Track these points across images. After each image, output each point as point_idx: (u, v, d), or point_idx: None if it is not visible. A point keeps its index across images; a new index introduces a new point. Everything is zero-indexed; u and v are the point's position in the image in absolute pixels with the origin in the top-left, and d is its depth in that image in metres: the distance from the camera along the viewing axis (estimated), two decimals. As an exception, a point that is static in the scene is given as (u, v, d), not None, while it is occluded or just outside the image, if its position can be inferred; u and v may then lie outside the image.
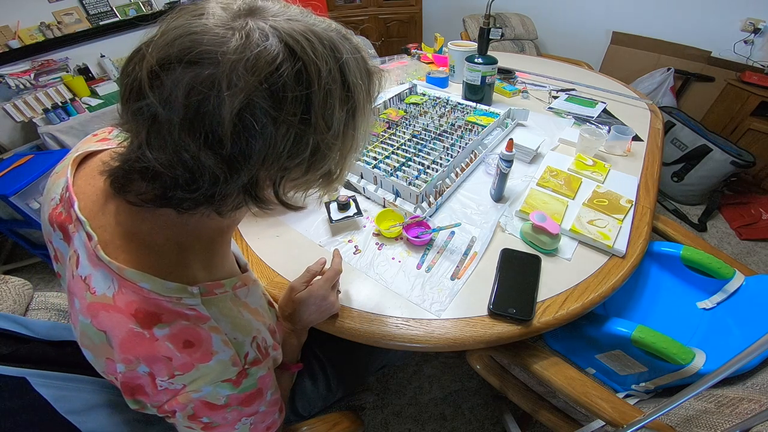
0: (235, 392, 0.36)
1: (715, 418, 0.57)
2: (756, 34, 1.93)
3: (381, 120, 1.14)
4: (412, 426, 1.19)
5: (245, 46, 0.26)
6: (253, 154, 0.28)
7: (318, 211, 0.87)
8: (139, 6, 2.23)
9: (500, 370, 0.84)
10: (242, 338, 0.35)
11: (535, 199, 0.84)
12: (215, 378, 0.34)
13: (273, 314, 0.48)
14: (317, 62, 0.28)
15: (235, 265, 0.44)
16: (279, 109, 0.27)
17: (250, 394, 0.37)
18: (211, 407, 0.36)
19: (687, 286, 0.88)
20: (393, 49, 3.01)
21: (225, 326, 0.34)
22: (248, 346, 0.36)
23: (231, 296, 0.37)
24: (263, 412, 0.42)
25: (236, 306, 0.37)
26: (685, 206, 2.00)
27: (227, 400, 0.36)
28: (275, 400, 0.44)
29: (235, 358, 0.34)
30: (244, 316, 0.37)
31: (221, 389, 0.35)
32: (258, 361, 0.36)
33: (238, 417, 0.39)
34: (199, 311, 0.33)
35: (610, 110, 1.27)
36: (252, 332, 0.37)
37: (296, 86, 0.27)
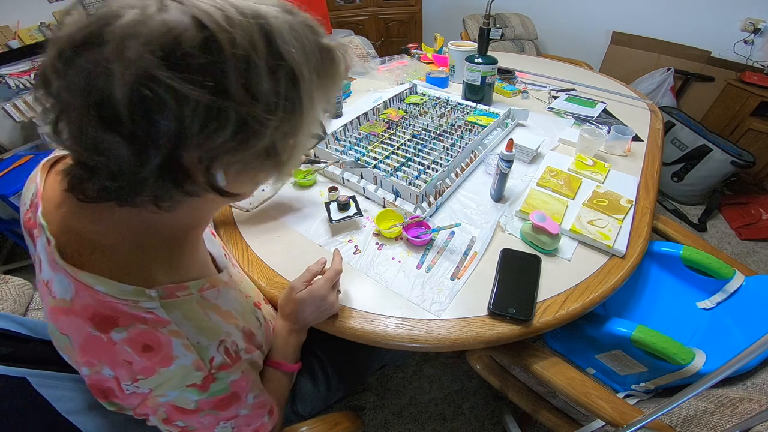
0: (204, 397, 0.35)
1: (715, 418, 0.57)
2: (756, 34, 1.93)
3: (381, 120, 1.14)
4: (412, 426, 1.19)
5: (139, 20, 0.25)
6: (160, 132, 0.26)
7: (318, 211, 0.87)
8: (139, 6, 2.23)
9: (500, 370, 0.84)
10: (207, 342, 0.34)
11: (535, 199, 0.84)
12: (179, 383, 0.33)
13: (254, 316, 0.46)
14: (230, 30, 0.26)
15: (208, 267, 0.43)
16: (182, 81, 0.25)
17: (222, 399, 0.37)
18: (183, 411, 0.35)
19: (687, 286, 0.88)
20: (393, 49, 3.01)
21: (187, 330, 0.34)
22: (214, 351, 0.35)
23: (197, 298, 0.36)
24: (246, 415, 0.41)
25: (203, 308, 0.36)
26: (685, 206, 2.00)
27: (197, 405, 0.35)
28: (261, 403, 0.43)
29: (199, 362, 0.34)
30: (212, 319, 0.36)
31: (188, 394, 0.34)
32: (226, 365, 0.36)
33: (215, 421, 0.38)
34: (158, 315, 0.33)
35: (610, 110, 1.27)
36: (219, 336, 0.36)
37: (202, 55, 0.25)
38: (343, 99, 1.33)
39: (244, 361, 0.38)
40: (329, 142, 1.03)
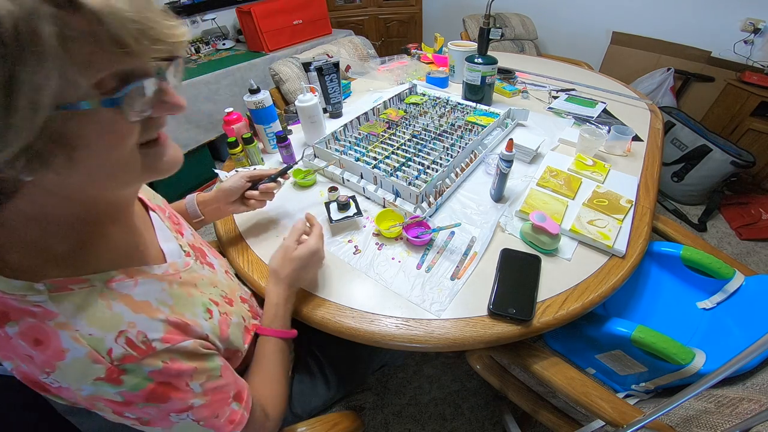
0: (124, 390, 0.35)
1: (715, 418, 0.57)
2: (756, 34, 1.93)
3: (381, 120, 1.14)
4: (412, 426, 1.19)
5: None
6: None
7: (318, 211, 0.87)
8: (139, 6, 2.23)
9: (500, 370, 0.84)
10: (100, 334, 0.34)
11: (535, 199, 0.84)
12: (82, 376, 0.34)
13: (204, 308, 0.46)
14: None
15: (127, 259, 0.42)
16: None
17: (150, 391, 0.37)
18: (118, 404, 0.36)
19: (687, 286, 0.88)
20: (393, 49, 3.02)
21: (78, 322, 0.34)
22: (111, 342, 0.34)
23: (100, 289, 0.36)
24: (203, 406, 0.41)
25: (107, 299, 0.36)
26: (685, 206, 2.00)
27: (124, 398, 0.36)
28: (216, 390, 0.43)
29: (94, 354, 0.33)
30: (114, 310, 0.36)
31: (104, 388, 0.34)
32: (131, 357, 0.35)
33: (162, 414, 0.39)
34: (46, 308, 0.33)
35: (610, 110, 1.27)
36: (118, 327, 0.35)
37: None
38: (343, 99, 1.33)
39: (163, 351, 0.38)
40: (329, 142, 1.03)
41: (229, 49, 2.48)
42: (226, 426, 0.44)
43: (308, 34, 2.48)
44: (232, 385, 0.47)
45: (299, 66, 1.61)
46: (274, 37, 2.31)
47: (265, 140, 1.09)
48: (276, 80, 1.60)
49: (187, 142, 2.07)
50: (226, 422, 0.44)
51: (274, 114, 1.06)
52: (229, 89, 2.16)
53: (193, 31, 2.51)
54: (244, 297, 0.61)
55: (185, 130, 2.04)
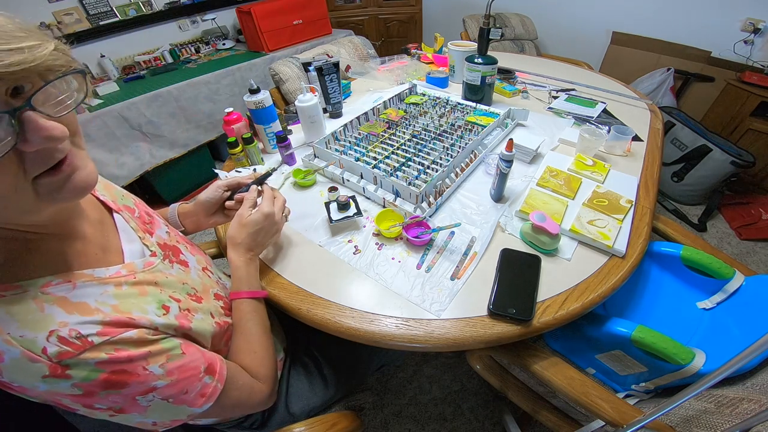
0: (79, 381, 0.36)
1: (715, 418, 0.57)
2: (756, 34, 1.93)
3: (381, 120, 1.14)
4: (412, 426, 1.19)
5: None
6: None
7: (318, 211, 0.87)
8: (139, 6, 2.23)
9: (500, 370, 0.84)
10: (32, 335, 0.35)
11: (535, 199, 0.84)
12: (29, 375, 0.34)
13: (158, 304, 0.47)
14: None
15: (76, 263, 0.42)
16: None
17: (105, 380, 0.37)
18: (80, 397, 0.37)
19: (687, 286, 0.88)
20: (393, 49, 3.02)
21: (8, 326, 0.34)
22: (43, 341, 0.35)
23: (33, 294, 0.37)
24: (167, 385, 0.42)
25: (39, 303, 0.37)
26: (685, 206, 2.00)
27: (82, 390, 0.36)
28: (181, 368, 0.44)
29: (28, 354, 0.34)
30: (45, 312, 0.37)
31: (56, 384, 0.35)
32: (67, 353, 0.35)
33: (128, 399, 0.39)
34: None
35: (610, 110, 1.27)
36: (49, 327, 0.36)
37: None
38: (343, 99, 1.33)
39: (102, 344, 0.38)
40: (329, 142, 1.03)
41: (229, 49, 2.48)
42: (197, 399, 0.45)
43: (308, 34, 2.48)
44: (199, 359, 0.47)
45: (299, 66, 1.61)
46: (274, 37, 2.31)
47: (265, 140, 1.09)
48: (276, 80, 1.60)
49: (187, 142, 2.07)
50: (197, 396, 0.45)
51: (274, 114, 1.06)
52: (229, 89, 2.16)
53: (193, 31, 2.51)
54: (220, 294, 0.62)
55: (185, 130, 2.04)
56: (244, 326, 0.59)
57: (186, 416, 0.46)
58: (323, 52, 1.69)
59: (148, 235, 0.55)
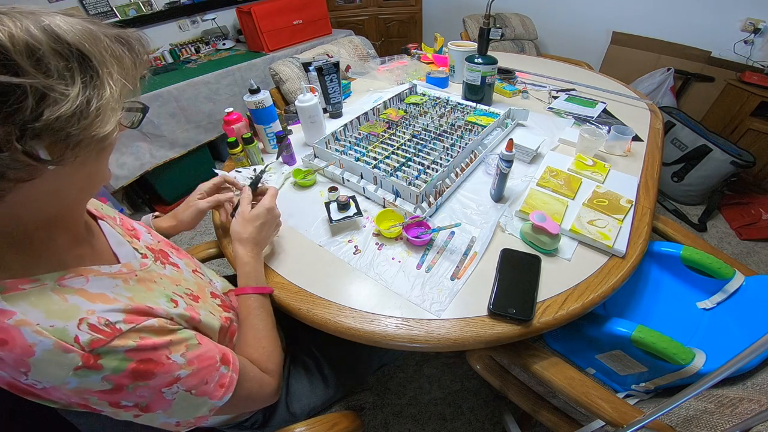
0: (107, 374, 0.36)
1: (715, 418, 0.57)
2: (756, 34, 1.93)
3: (381, 120, 1.14)
4: (412, 426, 1.19)
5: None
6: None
7: (318, 211, 0.87)
8: (139, 6, 2.23)
9: (500, 370, 0.84)
10: (62, 324, 0.35)
11: (535, 199, 0.84)
12: (60, 369, 0.34)
13: (166, 299, 0.48)
14: (5, 29, 0.31)
15: (78, 260, 0.43)
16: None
17: (134, 370, 0.38)
18: (109, 393, 0.37)
19: (687, 286, 0.88)
20: (393, 49, 3.02)
21: (36, 317, 0.34)
22: (74, 330, 0.35)
23: (52, 287, 0.37)
24: (191, 375, 0.43)
25: (60, 294, 0.37)
26: (685, 206, 2.00)
27: (112, 384, 0.37)
28: (200, 358, 0.44)
29: (61, 344, 0.34)
30: (69, 302, 0.37)
31: (87, 377, 0.35)
32: (99, 341, 0.36)
33: (154, 391, 0.40)
34: (1, 307, 0.34)
35: (610, 110, 1.27)
36: (78, 315, 0.36)
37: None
38: (343, 99, 1.33)
39: (130, 331, 0.38)
40: (329, 142, 1.03)
41: (229, 49, 2.48)
42: (216, 390, 0.46)
43: (308, 34, 2.48)
44: (214, 350, 0.48)
45: (299, 66, 1.61)
46: (274, 37, 2.31)
47: (265, 140, 1.09)
48: (276, 80, 1.60)
49: (187, 142, 2.07)
50: (216, 387, 0.46)
51: (274, 114, 1.06)
52: (229, 89, 2.16)
53: (193, 31, 2.51)
54: (215, 293, 0.62)
55: (185, 130, 2.04)
56: (251, 321, 0.60)
57: (208, 410, 0.45)
58: (323, 52, 1.69)
59: (135, 240, 0.55)
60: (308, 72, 1.37)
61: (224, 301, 0.63)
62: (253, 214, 0.67)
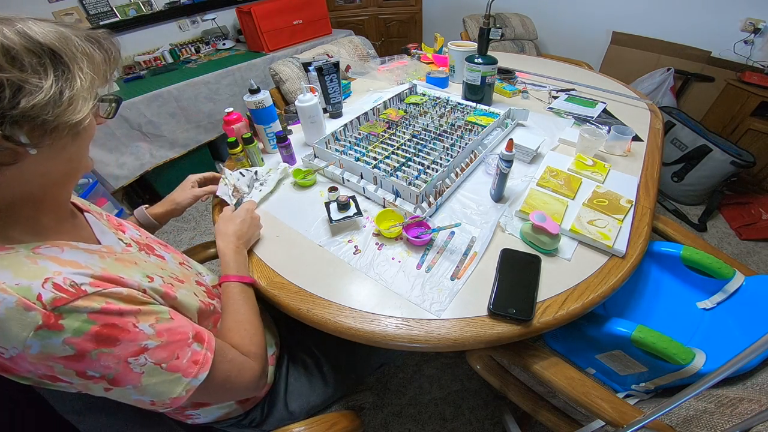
0: (68, 336, 0.36)
1: (715, 418, 0.57)
2: (756, 34, 1.93)
3: (381, 120, 1.14)
4: (412, 426, 1.19)
5: None
6: None
7: (318, 211, 0.87)
8: (139, 6, 2.23)
9: (500, 370, 0.84)
10: (27, 282, 0.36)
11: (535, 199, 0.84)
12: (21, 328, 0.34)
13: (141, 276, 0.48)
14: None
15: (56, 235, 0.45)
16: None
17: (96, 333, 0.38)
18: (73, 360, 0.37)
19: (687, 286, 0.88)
20: (393, 49, 3.02)
21: (4, 276, 0.36)
22: (38, 288, 0.36)
23: (25, 253, 0.39)
24: (159, 347, 0.42)
25: (31, 259, 0.38)
26: (685, 206, 2.00)
27: (75, 350, 0.37)
28: (171, 331, 0.44)
29: (23, 301, 0.35)
30: (39, 264, 0.38)
31: (49, 339, 0.35)
32: (62, 299, 0.36)
33: (120, 359, 0.39)
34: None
35: (610, 110, 1.27)
36: (44, 275, 0.37)
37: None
38: (343, 99, 1.33)
39: (95, 294, 0.39)
40: (329, 142, 1.03)
41: (229, 49, 2.48)
42: (190, 367, 0.45)
43: (308, 34, 2.48)
44: (187, 326, 0.47)
45: (299, 66, 1.61)
46: (274, 37, 2.31)
47: (265, 140, 1.09)
48: (276, 80, 1.60)
49: (187, 142, 2.07)
50: (189, 363, 0.45)
51: (274, 114, 1.06)
52: (229, 89, 2.16)
53: (193, 31, 2.51)
54: (201, 282, 0.63)
55: (185, 130, 2.04)
56: (232, 306, 0.62)
57: (184, 390, 0.44)
58: (323, 52, 1.69)
59: (120, 232, 0.57)
60: (308, 72, 1.37)
61: (209, 290, 0.63)
62: (234, 213, 0.76)
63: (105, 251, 0.47)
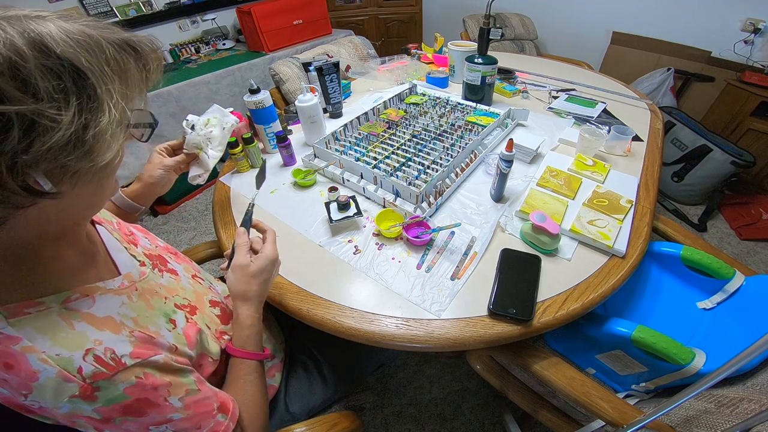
0: (99, 405, 0.35)
1: (715, 418, 0.57)
2: (756, 34, 1.93)
3: (381, 120, 1.14)
4: (412, 426, 1.19)
5: None
6: None
7: (318, 211, 0.87)
8: (139, 6, 2.23)
9: (500, 370, 0.84)
10: (68, 354, 0.34)
11: (535, 199, 0.84)
12: (57, 395, 0.34)
13: (165, 319, 0.46)
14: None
15: (80, 277, 0.42)
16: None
17: (126, 406, 0.37)
18: (97, 421, 0.36)
19: (687, 286, 0.88)
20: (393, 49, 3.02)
21: (42, 344, 0.34)
22: (79, 360, 0.34)
23: (57, 311, 0.36)
24: (185, 419, 0.42)
25: (67, 319, 0.36)
26: (685, 206, 2.00)
27: (101, 415, 0.36)
28: (198, 403, 0.44)
29: (64, 373, 0.33)
30: (76, 329, 0.36)
31: (79, 405, 0.35)
32: (102, 374, 0.35)
33: (141, 428, 0.39)
34: (7, 333, 0.33)
35: (610, 110, 1.27)
36: (84, 345, 0.35)
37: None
38: (343, 99, 1.33)
39: (134, 366, 0.38)
40: (329, 142, 1.03)
41: (229, 49, 2.48)
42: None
43: (308, 34, 2.48)
44: (212, 397, 0.47)
45: (299, 66, 1.61)
46: (274, 37, 2.31)
47: (265, 140, 1.09)
48: (276, 80, 1.60)
49: (187, 142, 2.07)
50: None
51: (274, 114, 1.06)
52: (229, 89, 2.16)
53: (193, 31, 2.51)
54: (216, 300, 0.61)
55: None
56: (241, 386, 0.55)
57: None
58: (323, 52, 1.69)
59: (132, 246, 0.54)
60: (308, 72, 1.37)
61: (224, 310, 0.61)
62: (256, 268, 0.57)
63: (128, 285, 0.46)
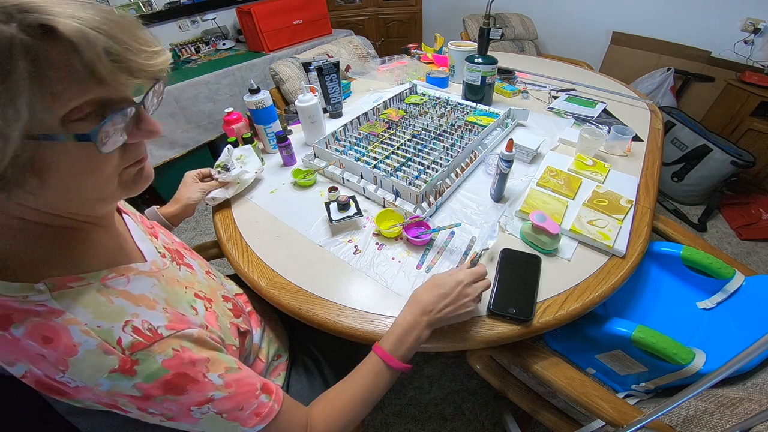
0: (139, 381, 0.36)
1: (715, 418, 0.57)
2: (756, 34, 1.93)
3: (381, 120, 1.14)
4: (412, 426, 1.19)
5: None
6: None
7: (318, 211, 0.87)
8: (139, 6, 2.23)
9: (500, 370, 0.84)
10: (108, 325, 0.35)
11: (535, 199, 0.84)
12: (97, 370, 0.34)
13: (189, 305, 0.47)
14: None
15: (116, 258, 0.43)
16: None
17: (166, 381, 0.37)
18: (139, 399, 0.36)
19: (687, 286, 0.88)
20: (393, 49, 3.02)
21: (84, 317, 0.35)
22: (119, 331, 0.35)
23: (97, 287, 0.38)
24: (226, 398, 0.41)
25: (105, 295, 0.38)
26: (685, 206, 2.00)
27: (142, 392, 0.36)
28: (239, 382, 0.43)
29: (104, 345, 0.34)
30: (115, 304, 0.37)
31: (120, 380, 0.35)
32: (139, 344, 0.36)
33: (183, 408, 0.39)
34: (50, 306, 0.34)
35: (610, 110, 1.27)
36: (124, 317, 0.37)
37: None
38: (343, 99, 1.33)
39: (170, 337, 0.39)
40: (329, 142, 1.03)
41: (229, 49, 2.48)
42: (251, 419, 0.44)
43: (308, 34, 2.48)
44: (255, 377, 0.47)
45: (299, 66, 1.61)
46: (274, 37, 2.31)
47: (265, 140, 1.09)
48: (276, 80, 1.60)
49: (187, 142, 2.07)
50: (251, 414, 0.44)
51: (274, 114, 1.06)
52: (229, 89, 2.16)
53: (193, 31, 2.51)
54: (227, 296, 0.62)
55: (185, 130, 2.04)
56: (354, 378, 0.54)
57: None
58: (323, 52, 1.69)
59: (153, 238, 0.55)
60: (308, 72, 1.37)
61: (235, 305, 0.62)
62: (439, 278, 0.57)
63: (156, 270, 0.47)
